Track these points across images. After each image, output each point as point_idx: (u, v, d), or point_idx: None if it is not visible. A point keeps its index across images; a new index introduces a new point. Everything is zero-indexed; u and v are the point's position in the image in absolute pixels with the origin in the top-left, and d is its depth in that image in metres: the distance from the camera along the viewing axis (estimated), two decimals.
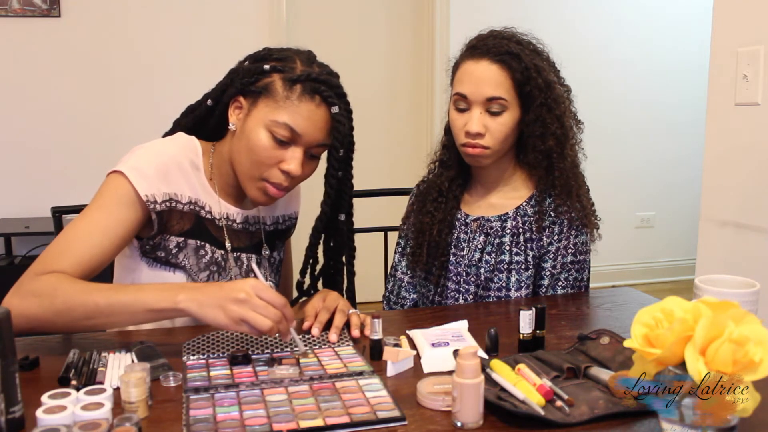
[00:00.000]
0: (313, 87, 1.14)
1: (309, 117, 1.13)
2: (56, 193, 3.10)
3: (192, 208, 1.19)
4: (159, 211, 1.15)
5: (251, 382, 0.93)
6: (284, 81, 1.14)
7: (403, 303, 1.48)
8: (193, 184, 1.20)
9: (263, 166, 1.15)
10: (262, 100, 1.15)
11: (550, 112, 1.32)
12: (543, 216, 1.36)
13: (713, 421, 0.73)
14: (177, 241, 1.19)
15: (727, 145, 1.77)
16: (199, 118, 1.26)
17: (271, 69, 1.16)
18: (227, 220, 1.25)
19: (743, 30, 1.70)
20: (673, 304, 0.76)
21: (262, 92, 1.15)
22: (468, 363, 0.80)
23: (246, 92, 1.17)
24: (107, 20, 3.17)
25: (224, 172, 1.24)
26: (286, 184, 1.17)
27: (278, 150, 1.14)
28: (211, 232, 1.23)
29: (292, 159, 1.14)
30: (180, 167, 1.18)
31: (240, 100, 1.18)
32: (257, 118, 1.15)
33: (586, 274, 1.42)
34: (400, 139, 3.70)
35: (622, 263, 4.18)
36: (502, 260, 1.36)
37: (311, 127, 1.14)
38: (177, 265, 1.19)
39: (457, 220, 1.42)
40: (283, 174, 1.16)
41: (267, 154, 1.14)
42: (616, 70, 3.97)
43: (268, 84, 1.15)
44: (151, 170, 1.13)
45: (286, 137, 1.13)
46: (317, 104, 1.14)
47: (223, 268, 1.24)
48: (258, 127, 1.14)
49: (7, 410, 0.79)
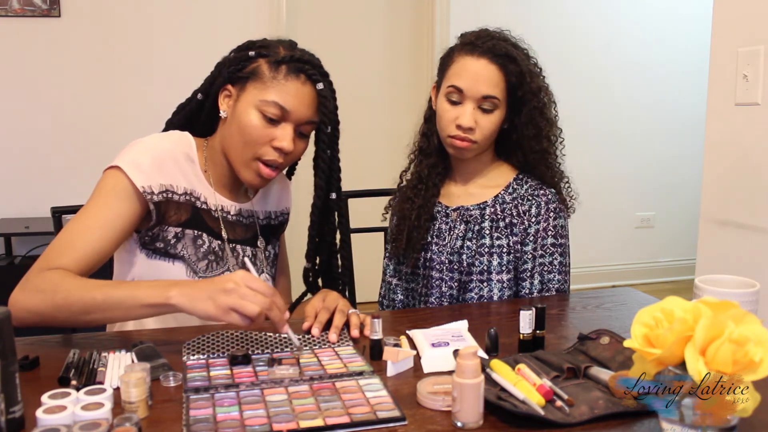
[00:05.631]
0: (297, 66, 1.19)
1: (296, 94, 1.18)
2: (56, 193, 3.09)
3: (188, 198, 1.22)
4: (156, 202, 1.18)
5: (251, 382, 0.93)
6: (270, 63, 1.19)
7: (393, 305, 1.52)
8: (189, 175, 1.23)
9: (256, 145, 1.19)
10: (250, 84, 1.19)
11: (542, 116, 1.39)
12: (521, 200, 1.40)
13: (713, 421, 0.73)
14: (175, 231, 1.21)
15: (727, 145, 1.77)
16: (190, 113, 1.30)
17: (256, 55, 1.21)
18: (222, 212, 1.27)
19: (743, 30, 1.70)
20: (673, 304, 0.76)
21: (249, 77, 1.20)
22: (468, 363, 0.80)
23: (234, 80, 1.22)
24: (107, 20, 3.17)
25: (218, 164, 1.27)
26: (280, 161, 1.20)
27: (269, 128, 1.18)
28: (208, 223, 1.25)
29: (284, 136, 1.18)
30: (175, 159, 1.21)
31: (229, 88, 1.23)
32: (246, 100, 1.19)
33: (569, 260, 1.44)
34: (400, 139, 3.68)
35: (622, 263, 4.18)
36: (483, 244, 1.39)
37: (299, 103, 1.19)
38: (176, 255, 1.21)
39: (437, 212, 1.46)
40: (276, 151, 1.19)
41: (259, 133, 1.18)
42: (617, 70, 3.97)
43: (255, 68, 1.20)
44: (147, 163, 1.17)
45: (276, 115, 1.18)
46: (303, 82, 1.19)
47: (221, 257, 1.26)
48: (248, 108, 1.18)
49: (7, 410, 0.79)
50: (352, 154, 3.65)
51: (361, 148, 3.66)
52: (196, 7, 3.25)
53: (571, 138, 1.49)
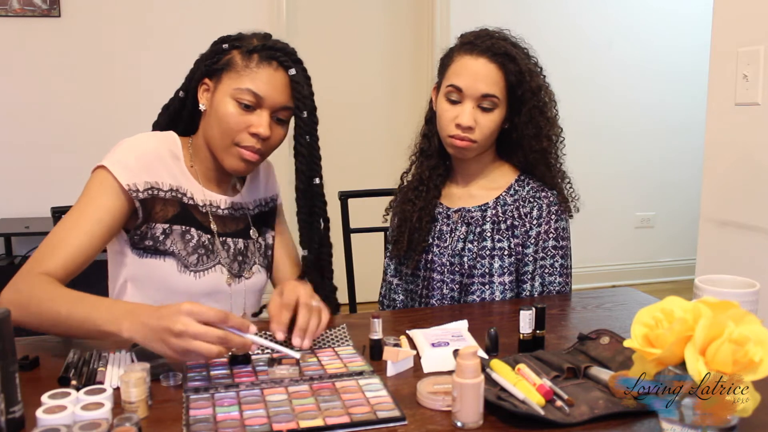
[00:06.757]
0: (269, 54, 1.22)
1: (269, 81, 1.21)
2: (56, 193, 3.07)
3: (174, 195, 1.24)
4: (142, 199, 1.20)
5: (251, 382, 0.93)
6: (242, 53, 1.23)
7: (393, 305, 1.52)
8: (174, 172, 1.25)
9: (233, 132, 1.21)
10: (225, 75, 1.23)
11: (542, 115, 1.38)
12: (523, 203, 1.39)
13: (713, 421, 0.73)
14: (163, 227, 1.23)
15: (727, 145, 1.77)
16: (174, 112, 1.33)
17: (230, 47, 1.25)
18: (211, 207, 1.29)
19: (743, 30, 1.70)
20: (673, 304, 0.76)
21: (224, 68, 1.23)
22: (468, 363, 0.80)
23: (210, 73, 1.26)
24: (107, 20, 3.17)
25: (203, 159, 1.29)
26: (258, 146, 1.23)
27: (245, 115, 1.21)
28: (196, 218, 1.27)
29: (260, 122, 1.21)
30: (160, 158, 1.24)
31: (206, 81, 1.26)
32: (222, 91, 1.22)
33: (570, 262, 1.43)
34: (400, 139, 3.68)
35: (622, 263, 4.18)
36: (484, 246, 1.39)
37: (272, 90, 1.21)
38: (165, 252, 1.22)
39: (438, 213, 1.45)
40: (253, 137, 1.22)
41: (235, 120, 1.21)
42: (617, 70, 3.97)
43: (229, 59, 1.24)
44: (132, 161, 1.20)
45: (251, 102, 1.21)
46: (275, 69, 1.22)
47: (211, 251, 1.27)
48: (224, 98, 1.22)
49: (7, 410, 0.79)
50: (352, 154, 3.69)
51: (361, 148, 3.66)
52: (196, 8, 3.25)
53: (570, 138, 1.49)
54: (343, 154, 3.61)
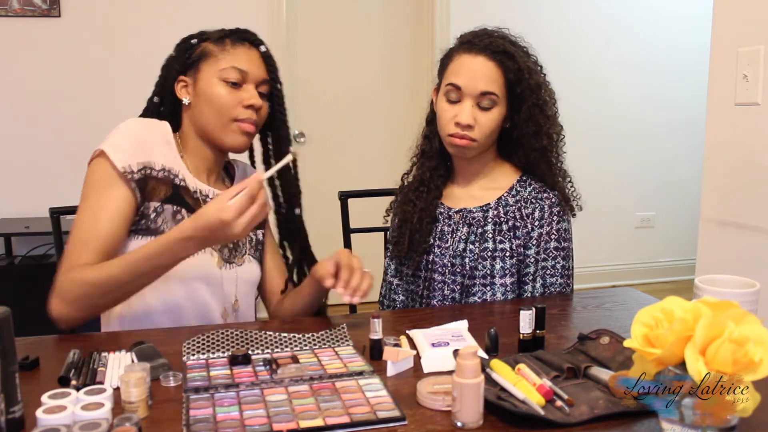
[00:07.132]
0: (240, 36, 1.33)
1: (247, 58, 1.30)
2: (56, 193, 3.08)
3: (166, 174, 1.27)
4: (137, 179, 1.23)
5: (251, 382, 0.93)
6: (214, 41, 1.32)
7: (393, 305, 1.51)
8: (166, 154, 1.29)
9: (229, 108, 1.28)
10: (202, 65, 1.30)
11: (542, 113, 1.38)
12: (525, 204, 1.39)
13: (713, 421, 0.73)
14: (154, 206, 1.25)
15: (727, 145, 1.77)
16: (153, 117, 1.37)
17: (199, 40, 1.33)
18: (202, 194, 1.32)
19: (743, 30, 1.70)
20: (673, 304, 0.76)
21: (199, 59, 1.31)
22: (468, 363, 0.80)
23: (185, 68, 1.32)
24: (107, 20, 3.17)
25: (191, 149, 1.33)
26: (254, 117, 1.30)
27: (235, 92, 1.28)
28: (187, 201, 1.29)
29: (250, 95, 1.29)
30: (153, 140, 1.29)
31: (183, 78, 1.33)
32: (206, 78, 1.29)
33: (572, 263, 1.43)
34: (400, 138, 3.68)
35: (622, 263, 4.18)
36: (486, 248, 1.38)
37: (252, 65, 1.30)
38: (157, 230, 1.24)
39: (440, 213, 1.45)
40: (248, 109, 1.29)
41: (228, 98, 1.28)
42: (616, 70, 3.97)
43: (202, 50, 1.31)
44: (126, 143, 1.24)
45: (237, 78, 1.28)
46: (248, 47, 1.32)
47: None
48: (210, 80, 1.29)
49: (7, 410, 0.79)
50: (353, 154, 3.69)
51: (361, 148, 3.66)
52: (196, 8, 3.25)
53: (570, 138, 1.49)
54: (343, 154, 3.62)
